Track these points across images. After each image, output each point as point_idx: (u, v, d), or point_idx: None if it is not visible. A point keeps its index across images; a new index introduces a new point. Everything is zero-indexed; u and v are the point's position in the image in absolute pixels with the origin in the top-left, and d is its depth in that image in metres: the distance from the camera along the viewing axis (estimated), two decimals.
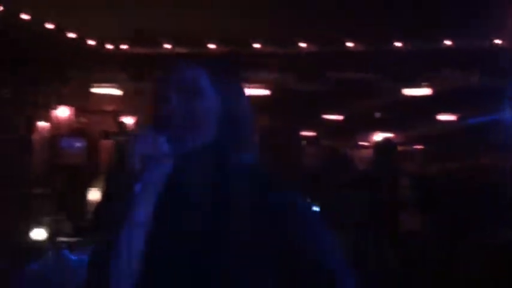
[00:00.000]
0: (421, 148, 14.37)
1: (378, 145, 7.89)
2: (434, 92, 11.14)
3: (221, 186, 2.09)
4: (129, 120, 11.95)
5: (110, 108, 12.62)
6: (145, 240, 2.00)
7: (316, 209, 7.44)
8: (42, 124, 11.69)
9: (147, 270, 2.00)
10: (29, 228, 9.21)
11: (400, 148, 8.47)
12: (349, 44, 10.46)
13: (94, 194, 8.49)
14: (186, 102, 2.18)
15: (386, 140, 8.40)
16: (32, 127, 10.55)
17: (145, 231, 2.01)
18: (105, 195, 2.34)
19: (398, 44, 10.41)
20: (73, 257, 5.50)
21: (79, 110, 12.82)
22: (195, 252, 2.01)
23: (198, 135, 2.16)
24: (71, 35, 10.06)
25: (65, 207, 8.94)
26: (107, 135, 12.29)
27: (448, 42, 10.23)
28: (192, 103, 2.18)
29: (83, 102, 12.45)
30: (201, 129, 2.18)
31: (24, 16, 9.00)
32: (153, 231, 2.01)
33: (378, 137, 14.53)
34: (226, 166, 2.14)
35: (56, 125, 12.18)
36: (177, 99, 2.17)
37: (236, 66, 2.37)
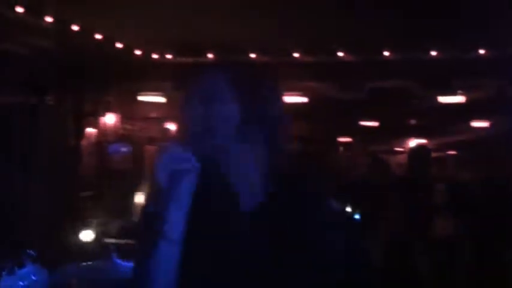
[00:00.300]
0: (455, 154, 14.29)
1: (413, 151, 7.90)
2: (468, 99, 11.12)
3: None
4: (172, 127, 12.06)
5: (154, 115, 12.74)
6: (182, 258, 1.94)
7: (357, 217, 7.48)
8: (90, 130, 11.84)
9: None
10: (78, 230, 9.37)
11: (434, 154, 8.46)
12: (386, 53, 10.47)
13: (139, 198, 8.56)
14: (207, 111, 2.09)
15: (420, 146, 8.40)
16: (81, 133, 10.69)
17: (181, 248, 1.94)
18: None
19: (433, 53, 10.40)
20: (119, 261, 5.53)
21: (125, 117, 12.95)
22: (234, 271, 1.97)
23: (216, 141, 2.07)
24: (119, 45, 10.19)
25: (112, 209, 9.06)
26: (151, 141, 12.41)
27: (482, 51, 10.21)
28: (211, 110, 2.09)
29: (129, 110, 12.56)
30: (218, 135, 2.08)
31: (74, 27, 9.14)
32: (188, 249, 1.95)
33: (413, 143, 14.51)
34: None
35: (104, 131, 12.33)
36: (199, 109, 2.10)
37: (268, 73, 2.31)
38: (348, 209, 7.36)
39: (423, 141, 13.43)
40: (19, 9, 8.37)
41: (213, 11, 8.14)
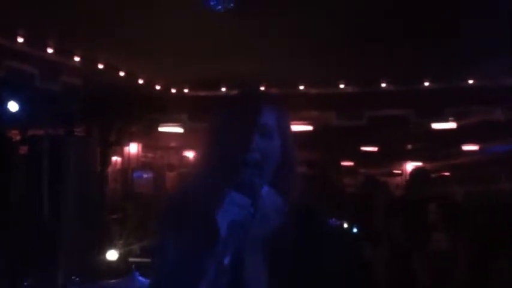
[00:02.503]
0: (448, 175, 14.17)
1: (414, 173, 7.83)
2: (459, 125, 11.03)
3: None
4: (190, 155, 12.01)
5: (173, 144, 12.70)
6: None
7: (355, 230, 7.41)
8: (115, 159, 11.81)
9: None
10: (104, 249, 9.27)
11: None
12: (384, 85, 10.44)
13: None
14: (266, 148, 1.96)
15: (421, 169, 8.33)
16: (107, 161, 10.64)
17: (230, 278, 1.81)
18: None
19: (427, 84, 10.36)
20: (141, 278, 5.46)
21: (147, 146, 12.92)
22: None
23: (267, 177, 1.94)
24: (140, 81, 10.18)
25: (136, 231, 8.97)
26: (171, 167, 12.36)
27: (471, 81, 10.16)
28: (269, 146, 1.97)
29: (150, 140, 12.54)
30: (269, 170, 1.96)
31: (100, 65, 9.13)
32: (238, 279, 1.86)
33: (409, 166, 14.40)
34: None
35: (128, 159, 12.30)
36: (258, 145, 1.95)
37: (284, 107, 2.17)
38: (345, 224, 7.34)
39: (419, 164, 13.33)
40: (50, 50, 8.36)
41: (225, 49, 8.11)
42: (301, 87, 10.70)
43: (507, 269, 6.48)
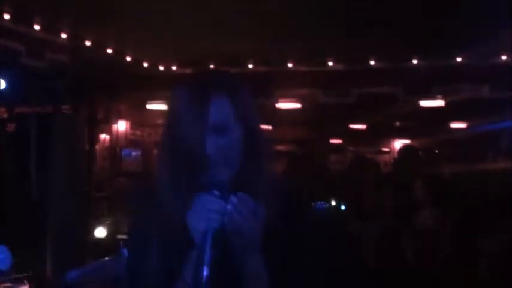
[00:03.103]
0: (436, 153, 14.25)
1: (403, 150, 7.87)
2: (447, 103, 11.06)
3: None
4: None
5: (161, 121, 12.67)
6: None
7: (343, 207, 7.46)
8: (103, 136, 11.79)
9: None
10: (92, 227, 9.28)
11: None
12: (372, 62, 10.44)
13: None
14: (224, 145, 1.87)
15: (409, 146, 8.35)
16: (95, 139, 10.63)
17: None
18: None
19: (415, 61, 10.37)
20: None
21: (135, 124, 12.89)
22: None
23: (231, 169, 1.89)
24: (128, 58, 10.13)
25: (123, 208, 8.99)
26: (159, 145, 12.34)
27: (459, 59, 10.18)
28: (227, 143, 1.88)
29: (138, 117, 12.51)
30: (233, 163, 1.90)
31: (87, 42, 9.07)
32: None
33: (398, 143, 14.46)
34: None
35: (116, 137, 12.28)
36: (216, 143, 1.87)
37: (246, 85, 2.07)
38: (333, 202, 7.39)
39: (407, 141, 13.38)
40: (37, 27, 8.29)
41: (214, 26, 8.08)
42: (289, 65, 10.68)
43: (493, 248, 6.52)
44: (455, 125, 13.91)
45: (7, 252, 2.38)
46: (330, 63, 10.55)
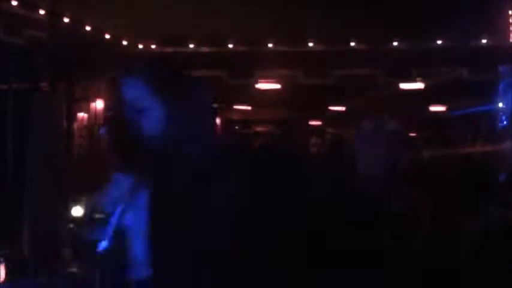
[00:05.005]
0: (415, 135, 14.29)
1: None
2: (427, 85, 11.09)
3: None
4: None
5: None
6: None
7: None
8: (82, 115, 11.70)
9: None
10: (69, 206, 9.22)
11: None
12: (352, 44, 10.44)
13: None
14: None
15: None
16: (73, 117, 10.56)
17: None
18: None
19: (395, 44, 10.38)
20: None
21: None
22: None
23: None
24: (107, 36, 10.04)
25: (100, 186, 8.92)
26: None
27: (439, 42, 10.20)
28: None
29: None
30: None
31: (66, 19, 8.98)
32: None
33: None
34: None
35: (94, 115, 12.20)
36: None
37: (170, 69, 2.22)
38: None
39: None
40: (14, 3, 8.19)
41: (195, 5, 8.03)
42: (270, 45, 10.64)
43: (470, 230, 6.56)
44: (434, 108, 13.95)
45: None
46: (311, 44, 10.54)
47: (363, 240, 6.55)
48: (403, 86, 11.15)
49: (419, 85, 11.00)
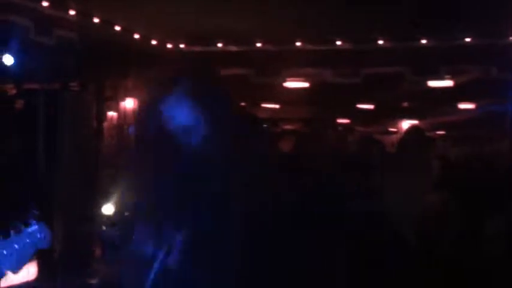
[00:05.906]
0: (443, 134, 14.21)
1: (408, 131, 7.80)
2: (455, 83, 11.02)
3: None
4: None
5: None
6: None
7: None
8: (111, 114, 11.78)
9: None
10: (101, 204, 9.30)
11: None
12: (380, 42, 10.40)
13: None
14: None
15: (415, 127, 8.27)
16: (102, 116, 10.64)
17: None
18: None
19: (423, 41, 10.32)
20: None
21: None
22: None
23: None
24: (136, 36, 10.11)
25: (132, 185, 8.98)
26: None
27: (467, 39, 10.12)
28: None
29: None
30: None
31: (96, 19, 9.05)
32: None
33: (405, 124, 14.40)
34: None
35: (123, 115, 12.27)
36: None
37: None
38: None
39: (415, 122, 13.32)
40: (45, 3, 8.28)
41: (223, 4, 8.05)
42: (298, 44, 10.64)
43: (498, 231, 6.50)
44: (463, 106, 13.86)
45: (46, 230, 2.39)
46: (338, 43, 10.51)
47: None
48: (431, 83, 11.08)
49: (447, 83, 10.92)
